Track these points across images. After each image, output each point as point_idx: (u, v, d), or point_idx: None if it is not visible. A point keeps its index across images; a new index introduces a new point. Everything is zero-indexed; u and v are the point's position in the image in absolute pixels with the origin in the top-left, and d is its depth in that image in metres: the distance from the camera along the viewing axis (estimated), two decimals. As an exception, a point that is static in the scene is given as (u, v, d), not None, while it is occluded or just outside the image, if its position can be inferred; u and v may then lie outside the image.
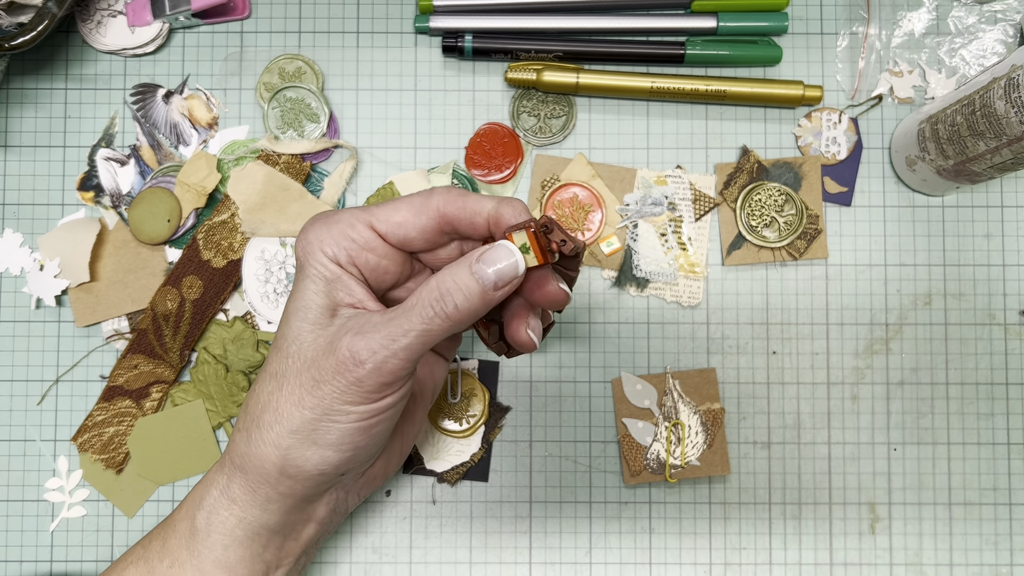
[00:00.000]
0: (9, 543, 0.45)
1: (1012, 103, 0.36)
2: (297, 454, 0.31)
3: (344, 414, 0.31)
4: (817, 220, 0.46)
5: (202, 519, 0.33)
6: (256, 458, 0.32)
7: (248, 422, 0.32)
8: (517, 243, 0.31)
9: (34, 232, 0.46)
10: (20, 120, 0.47)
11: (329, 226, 0.32)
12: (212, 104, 0.46)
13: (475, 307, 0.30)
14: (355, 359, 0.29)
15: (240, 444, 0.32)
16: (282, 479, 0.32)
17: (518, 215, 0.31)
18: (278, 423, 0.31)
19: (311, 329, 0.31)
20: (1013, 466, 0.45)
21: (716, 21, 0.45)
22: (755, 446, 0.45)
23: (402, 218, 0.32)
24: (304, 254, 0.32)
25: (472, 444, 0.45)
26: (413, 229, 0.32)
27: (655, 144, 0.46)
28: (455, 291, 0.30)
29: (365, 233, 0.32)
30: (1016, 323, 0.46)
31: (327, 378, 0.30)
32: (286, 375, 0.31)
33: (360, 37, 0.47)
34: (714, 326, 0.46)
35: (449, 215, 0.32)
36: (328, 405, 0.30)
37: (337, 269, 0.31)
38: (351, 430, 0.31)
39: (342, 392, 0.30)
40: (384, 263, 0.33)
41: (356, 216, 0.32)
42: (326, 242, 0.31)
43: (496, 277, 0.30)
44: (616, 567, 0.45)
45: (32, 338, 0.46)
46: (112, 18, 0.46)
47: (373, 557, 0.45)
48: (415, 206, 0.32)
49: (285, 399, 0.31)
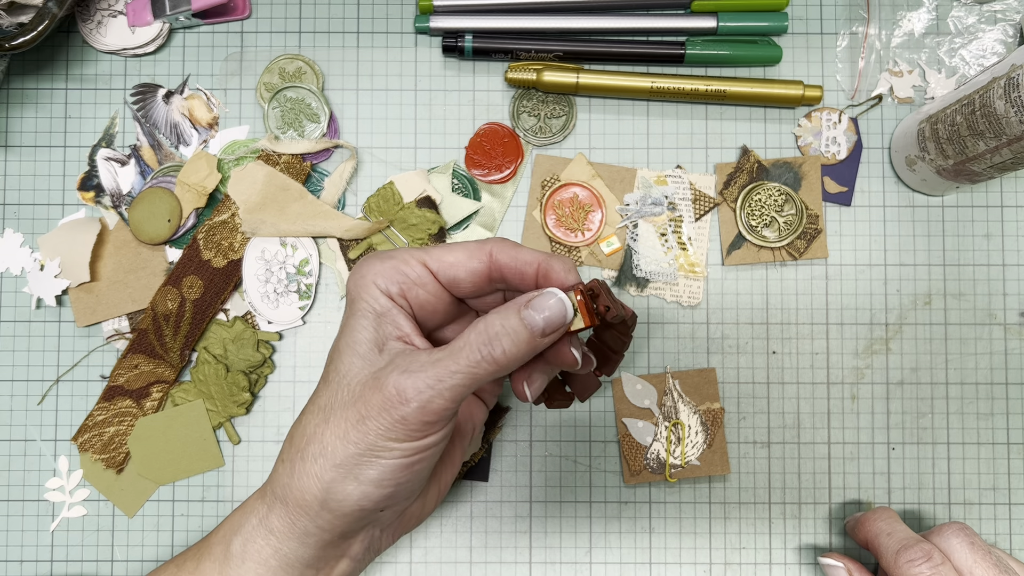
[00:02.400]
0: (9, 543, 0.45)
1: (1012, 103, 0.36)
2: (339, 488, 0.31)
3: (388, 450, 0.31)
4: (817, 220, 0.46)
5: (238, 545, 0.33)
6: (298, 490, 0.32)
7: (292, 453, 0.32)
8: None
9: (34, 232, 0.46)
10: (20, 120, 0.47)
11: (383, 260, 0.33)
12: (212, 104, 0.46)
13: (522, 352, 0.31)
14: (401, 397, 0.30)
15: (283, 475, 0.32)
16: (322, 512, 0.32)
17: (567, 271, 0.32)
18: (322, 456, 0.31)
19: (360, 364, 0.32)
20: (1013, 466, 0.45)
21: (716, 21, 0.45)
22: (755, 446, 0.45)
23: (455, 259, 0.33)
24: (357, 288, 0.33)
25: (472, 444, 0.45)
26: (464, 271, 0.33)
27: (655, 144, 0.46)
28: (503, 335, 0.30)
29: (418, 269, 0.33)
30: (1016, 323, 0.46)
31: (373, 414, 0.30)
32: (333, 408, 0.31)
33: (360, 37, 0.47)
34: (714, 326, 0.46)
35: (500, 263, 0.33)
36: (372, 441, 0.31)
37: (388, 302, 0.32)
38: (393, 467, 0.31)
39: (387, 429, 0.30)
40: (433, 300, 0.33)
41: (411, 253, 0.33)
42: (379, 276, 0.32)
43: (544, 324, 0.31)
44: (616, 567, 0.45)
45: (32, 338, 0.46)
46: (112, 18, 0.46)
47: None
48: (469, 250, 0.33)
49: (331, 432, 0.31)
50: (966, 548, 0.36)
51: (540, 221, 0.46)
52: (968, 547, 0.36)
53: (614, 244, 0.46)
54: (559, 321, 0.31)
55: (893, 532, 0.38)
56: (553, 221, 0.46)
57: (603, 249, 0.46)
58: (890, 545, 0.37)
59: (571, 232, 0.46)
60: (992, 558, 0.36)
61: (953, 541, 0.37)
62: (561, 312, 0.31)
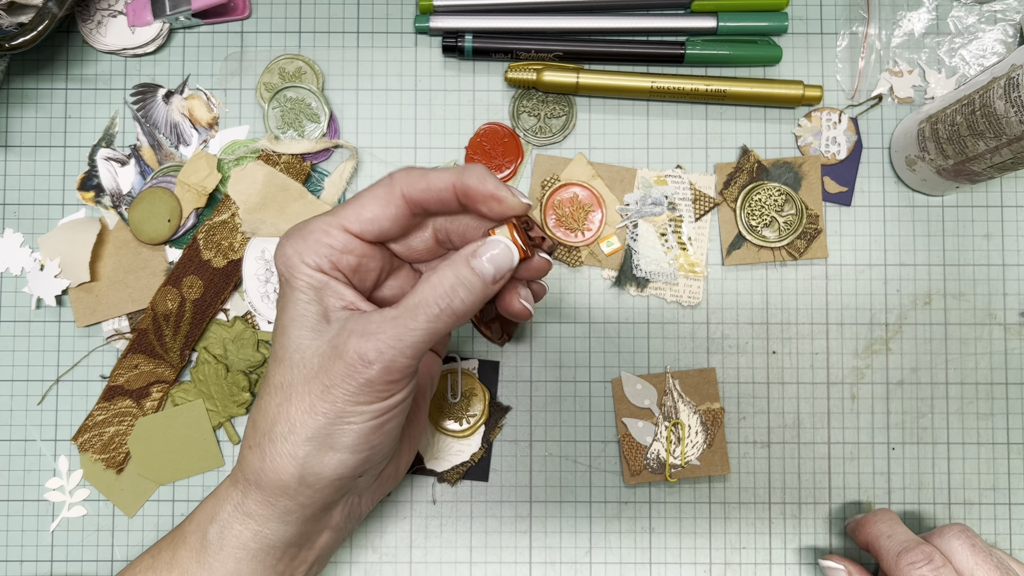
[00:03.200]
0: (9, 543, 0.45)
1: (1012, 103, 0.36)
2: (315, 461, 0.31)
3: (358, 415, 0.31)
4: (817, 220, 0.46)
5: (214, 532, 0.33)
6: (272, 472, 0.32)
7: (259, 438, 0.32)
8: None
9: (34, 232, 0.46)
10: (20, 120, 0.47)
11: (304, 237, 0.32)
12: (212, 104, 0.46)
13: (477, 301, 0.31)
14: (364, 360, 0.30)
15: (253, 461, 0.32)
16: (301, 489, 0.32)
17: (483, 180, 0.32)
18: (292, 433, 0.31)
19: (311, 336, 0.31)
20: (1013, 466, 0.45)
21: (716, 21, 0.45)
22: (755, 446, 0.45)
23: (371, 214, 0.32)
24: (286, 268, 0.32)
25: (472, 444, 0.45)
26: (386, 221, 0.32)
27: (655, 144, 0.46)
28: (459, 287, 0.30)
29: (340, 237, 0.32)
30: (1016, 323, 0.46)
31: (337, 382, 0.30)
32: (293, 385, 0.31)
33: (360, 37, 0.47)
34: (714, 326, 0.46)
35: (415, 198, 0.32)
36: (341, 409, 0.31)
37: (323, 277, 0.32)
38: (366, 430, 0.31)
39: (354, 394, 0.30)
40: (364, 261, 0.33)
41: (327, 222, 0.32)
42: (305, 253, 0.31)
43: (494, 270, 0.31)
44: (616, 567, 0.45)
45: (32, 338, 0.46)
46: (112, 18, 0.46)
47: (373, 557, 0.45)
48: (380, 198, 0.32)
49: (295, 409, 0.31)
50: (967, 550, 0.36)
51: (540, 221, 0.46)
52: (969, 549, 0.36)
53: (614, 244, 0.46)
54: (507, 266, 0.32)
55: (894, 534, 0.38)
56: (553, 221, 0.46)
57: (603, 249, 0.46)
58: (891, 547, 0.37)
59: (571, 232, 0.46)
60: (993, 560, 0.36)
61: (954, 543, 0.37)
62: (508, 257, 0.32)
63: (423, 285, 0.31)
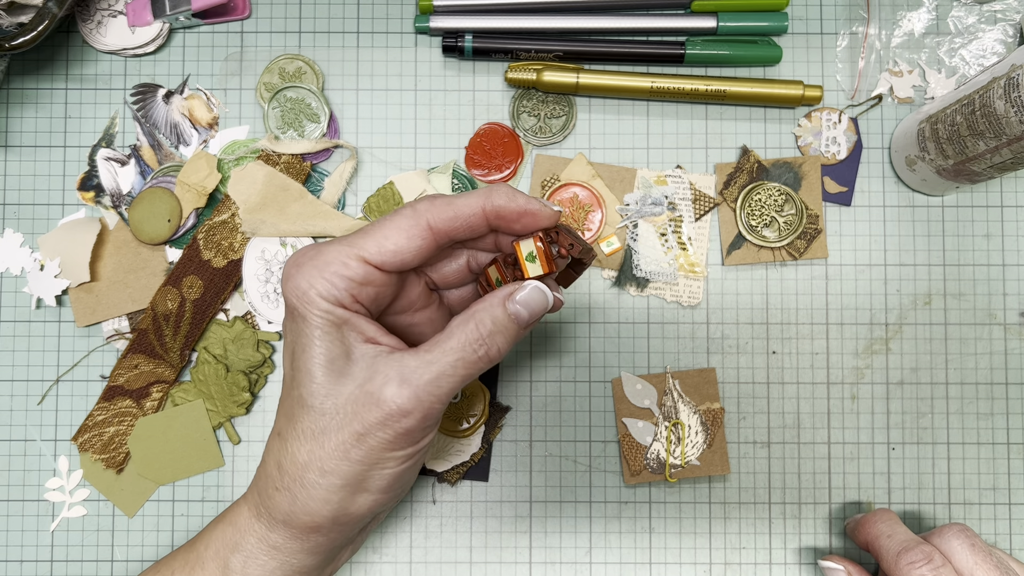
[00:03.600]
0: (9, 543, 0.45)
1: (1012, 103, 0.36)
2: (349, 503, 0.32)
3: (393, 460, 0.31)
4: (817, 220, 0.46)
5: (238, 563, 0.33)
6: (305, 514, 0.32)
7: (287, 482, 0.32)
8: (524, 251, 0.31)
9: (34, 232, 0.46)
10: (20, 120, 0.47)
11: (320, 268, 0.30)
12: (212, 104, 0.46)
13: (511, 345, 0.31)
14: (402, 411, 0.30)
15: (283, 503, 0.32)
16: (334, 527, 0.32)
17: (512, 199, 0.31)
18: (325, 479, 0.31)
19: (338, 379, 0.30)
20: (1013, 466, 0.45)
21: (716, 21, 0.45)
22: (755, 446, 0.45)
23: (395, 245, 0.30)
24: (301, 303, 0.30)
25: (472, 444, 0.45)
26: (409, 253, 0.31)
27: (655, 144, 0.46)
28: (496, 333, 0.31)
29: (361, 269, 0.30)
30: (1016, 323, 0.46)
31: (373, 430, 0.30)
32: (326, 432, 0.30)
33: (360, 37, 0.47)
34: (714, 326, 0.46)
35: (443, 229, 0.31)
36: (377, 456, 0.31)
37: (343, 312, 0.30)
38: (399, 472, 0.32)
39: (390, 442, 0.30)
40: (384, 291, 0.32)
41: (346, 253, 0.30)
42: (323, 287, 0.30)
43: (528, 314, 0.31)
44: (616, 567, 0.45)
45: (32, 338, 0.46)
46: (112, 18, 0.46)
47: (373, 557, 0.45)
48: (404, 230, 0.30)
49: (328, 456, 0.31)
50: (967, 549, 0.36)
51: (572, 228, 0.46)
52: (969, 548, 0.36)
53: (614, 244, 0.46)
54: (542, 309, 0.32)
55: (893, 534, 0.38)
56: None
57: (603, 249, 0.46)
58: (890, 547, 0.37)
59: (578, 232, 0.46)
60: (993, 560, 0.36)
61: (954, 543, 0.37)
62: (543, 300, 0.31)
63: (459, 329, 0.30)
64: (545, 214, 0.31)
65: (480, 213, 0.31)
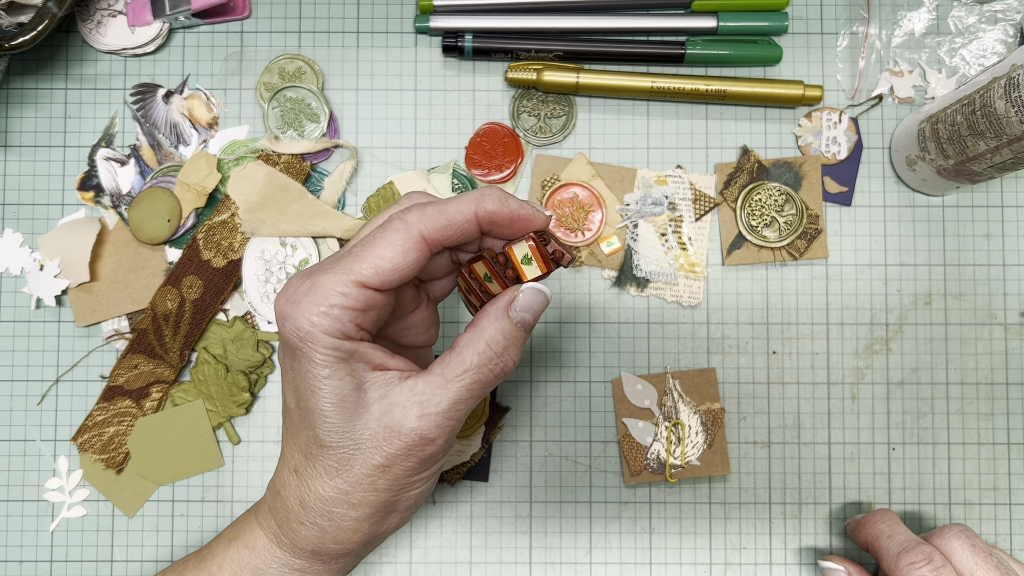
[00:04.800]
0: (9, 543, 0.45)
1: (1012, 103, 0.36)
2: (379, 527, 0.32)
3: (419, 483, 0.32)
4: (817, 220, 0.46)
5: None
6: (336, 543, 0.32)
7: (314, 517, 0.31)
8: (519, 254, 0.31)
9: (34, 232, 0.46)
10: (20, 120, 0.46)
11: (318, 303, 0.28)
12: (212, 104, 0.46)
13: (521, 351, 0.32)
14: (424, 440, 0.30)
15: (310, 537, 0.32)
16: (365, 549, 0.33)
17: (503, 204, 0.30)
18: (354, 511, 0.31)
19: (353, 417, 0.30)
20: (1013, 466, 0.45)
21: (716, 21, 0.45)
22: (755, 446, 0.45)
23: (391, 263, 0.29)
24: (304, 344, 0.29)
25: (472, 444, 0.45)
26: (406, 268, 0.29)
27: (655, 144, 0.46)
28: (509, 346, 0.31)
29: (361, 295, 0.29)
30: (1016, 323, 0.46)
31: (397, 460, 0.30)
32: (348, 467, 0.30)
33: (360, 37, 0.47)
34: (714, 326, 0.46)
35: (436, 238, 0.30)
36: (401, 482, 0.31)
37: (350, 345, 0.29)
38: (424, 490, 0.32)
39: (415, 468, 0.31)
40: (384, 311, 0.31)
41: (342, 281, 0.28)
42: (326, 323, 0.28)
43: (532, 318, 0.31)
44: (616, 567, 0.45)
45: (32, 338, 0.46)
46: (112, 18, 0.46)
47: (373, 557, 0.45)
48: (397, 245, 0.29)
49: (354, 490, 0.31)
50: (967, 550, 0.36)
51: (540, 221, 0.46)
52: (969, 549, 0.36)
53: (614, 244, 0.46)
54: (542, 309, 0.32)
55: (894, 534, 0.38)
56: (553, 221, 0.46)
57: (603, 249, 0.46)
58: (891, 547, 0.37)
59: (571, 232, 0.46)
60: (993, 560, 0.36)
61: (954, 543, 0.37)
62: (543, 302, 0.31)
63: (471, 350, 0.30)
64: (538, 218, 0.31)
65: (473, 219, 0.30)
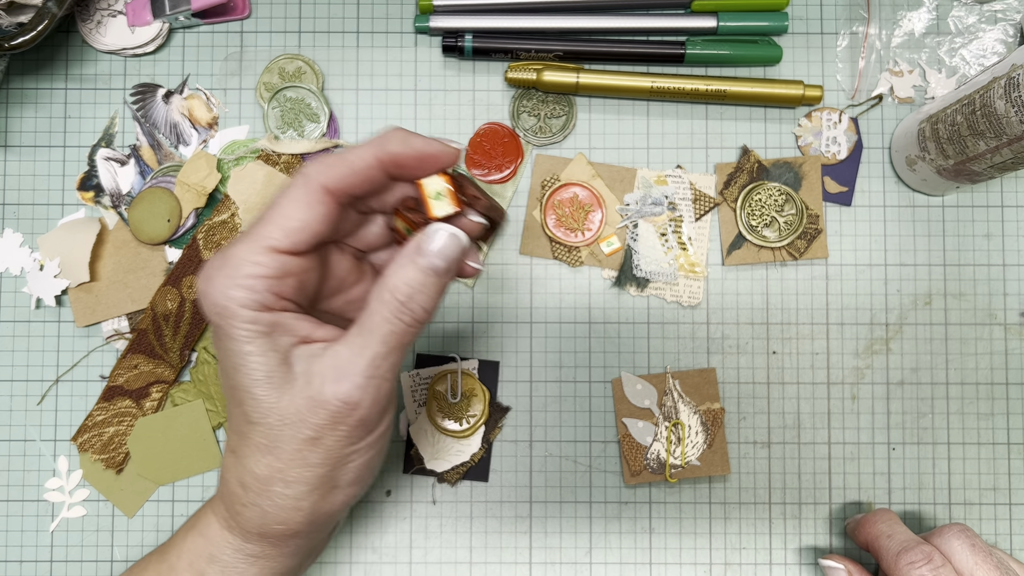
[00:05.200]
0: (9, 543, 0.45)
1: (1012, 103, 0.36)
2: (322, 504, 0.31)
3: (356, 453, 0.30)
4: (817, 220, 0.46)
5: (215, 573, 0.32)
6: (279, 524, 0.31)
7: (253, 497, 0.31)
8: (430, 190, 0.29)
9: (34, 232, 0.46)
10: (20, 120, 0.46)
11: (231, 274, 0.28)
12: (212, 104, 0.46)
13: (437, 299, 0.29)
14: (348, 405, 0.28)
15: (253, 518, 0.31)
16: (312, 528, 0.32)
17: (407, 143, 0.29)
18: (290, 488, 0.30)
19: (280, 392, 0.29)
20: (1013, 466, 0.45)
21: (716, 21, 0.45)
22: (755, 446, 0.45)
23: (298, 222, 0.28)
24: (224, 320, 0.28)
25: (472, 444, 0.45)
26: (316, 224, 0.28)
27: (655, 144, 0.46)
28: (415, 294, 0.28)
29: (273, 261, 0.28)
30: (1016, 323, 0.46)
31: (326, 431, 0.29)
32: (279, 444, 0.29)
33: (360, 37, 0.47)
34: (714, 326, 0.46)
35: (340, 188, 0.29)
36: (336, 454, 0.30)
37: (270, 316, 0.28)
38: (365, 462, 0.31)
39: (347, 437, 0.29)
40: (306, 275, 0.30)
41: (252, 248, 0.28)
42: (241, 295, 0.27)
43: (444, 262, 0.29)
44: (616, 567, 0.45)
45: (32, 338, 0.46)
46: (112, 18, 0.46)
47: (373, 557, 0.45)
48: (301, 200, 0.28)
49: (288, 467, 0.30)
50: (967, 550, 0.36)
51: (540, 221, 0.46)
52: (969, 549, 0.36)
53: (614, 244, 0.46)
54: (457, 251, 0.29)
55: (893, 534, 0.38)
56: (553, 221, 0.46)
57: (603, 249, 0.46)
58: (890, 547, 0.37)
59: (571, 232, 0.46)
60: (993, 560, 0.36)
61: (954, 543, 0.36)
62: (456, 242, 0.29)
63: (377, 303, 0.28)
64: (446, 153, 0.29)
65: (375, 164, 0.29)
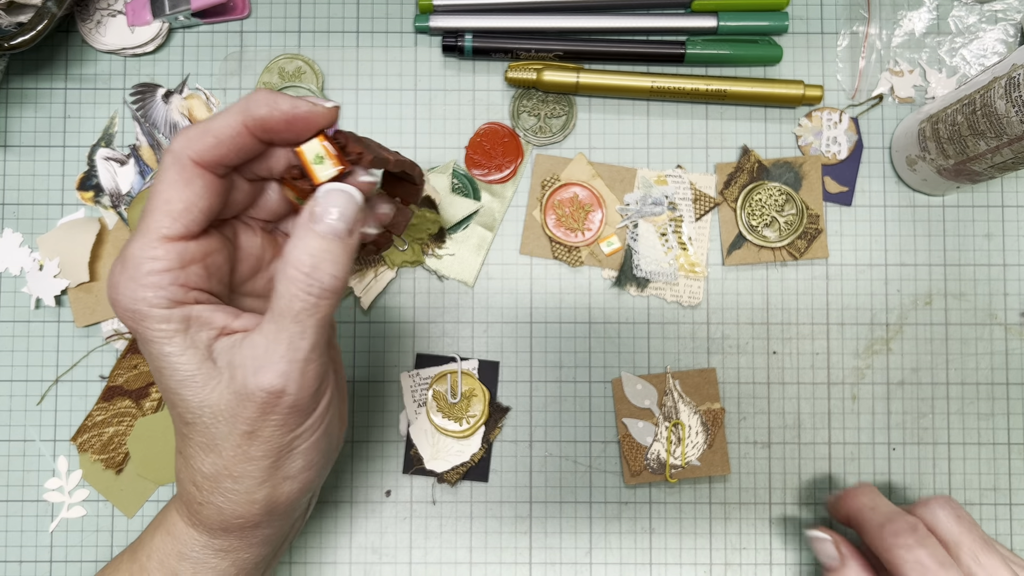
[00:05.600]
0: (9, 543, 0.45)
1: (1013, 102, 0.35)
2: (276, 494, 0.30)
3: (298, 438, 0.30)
4: (817, 220, 0.46)
5: (187, 571, 0.32)
6: (237, 518, 0.30)
7: (207, 495, 0.30)
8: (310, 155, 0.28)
9: (34, 232, 0.46)
10: (20, 120, 0.46)
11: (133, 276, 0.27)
12: (212, 104, 0.46)
13: (348, 264, 0.28)
14: (274, 393, 0.27)
15: (211, 515, 0.31)
16: (273, 517, 0.31)
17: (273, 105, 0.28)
18: (239, 483, 0.29)
19: (207, 389, 0.28)
20: (1013, 466, 0.45)
21: (716, 20, 0.45)
22: (755, 446, 0.45)
23: (180, 203, 0.27)
24: (138, 324, 0.27)
25: (472, 444, 0.45)
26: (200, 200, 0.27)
27: (655, 144, 0.46)
28: (319, 263, 0.27)
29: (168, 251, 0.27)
30: (1016, 323, 0.46)
31: (259, 424, 0.28)
32: (217, 442, 0.29)
33: (360, 37, 0.47)
34: (714, 326, 0.46)
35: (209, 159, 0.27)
36: (277, 444, 0.29)
37: (183, 311, 0.27)
38: (311, 446, 0.30)
39: (282, 425, 0.28)
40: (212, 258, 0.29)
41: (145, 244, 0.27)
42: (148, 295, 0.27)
43: (344, 222, 0.27)
44: (616, 567, 0.45)
45: (32, 338, 0.46)
46: (112, 18, 0.46)
47: (373, 557, 0.45)
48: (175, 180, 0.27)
49: (231, 463, 0.29)
50: (952, 520, 0.35)
51: (540, 221, 0.46)
52: (954, 519, 0.35)
53: (614, 244, 0.46)
54: (355, 209, 0.28)
55: (876, 506, 0.37)
56: (553, 221, 0.45)
57: (603, 249, 0.46)
58: (874, 519, 0.36)
59: (571, 232, 0.46)
60: (979, 530, 0.35)
61: (939, 513, 0.36)
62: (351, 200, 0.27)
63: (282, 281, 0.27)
64: (318, 112, 0.28)
65: (242, 131, 0.28)
